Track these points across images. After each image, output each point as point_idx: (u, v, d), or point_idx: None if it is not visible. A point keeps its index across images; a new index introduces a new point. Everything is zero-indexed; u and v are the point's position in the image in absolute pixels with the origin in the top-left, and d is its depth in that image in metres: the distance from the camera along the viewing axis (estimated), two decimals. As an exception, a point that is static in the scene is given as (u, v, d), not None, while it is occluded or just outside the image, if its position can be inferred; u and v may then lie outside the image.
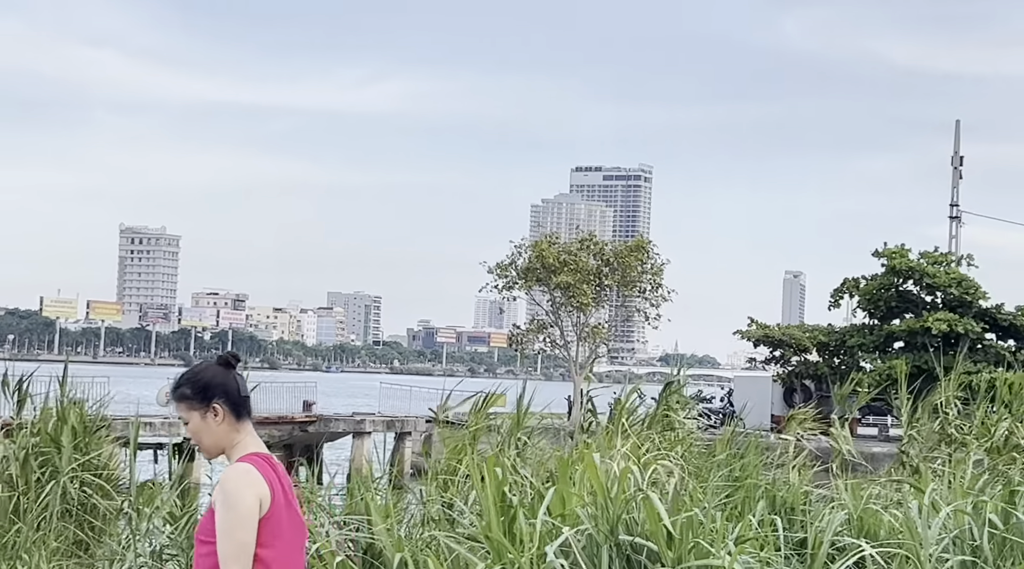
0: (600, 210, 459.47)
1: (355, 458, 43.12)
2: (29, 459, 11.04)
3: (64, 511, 10.49)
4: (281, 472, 5.03)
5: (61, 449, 10.96)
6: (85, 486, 10.77)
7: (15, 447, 11.20)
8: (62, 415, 11.16)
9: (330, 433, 47.50)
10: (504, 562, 6.91)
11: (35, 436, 11.16)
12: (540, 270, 47.97)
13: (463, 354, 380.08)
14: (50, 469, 10.87)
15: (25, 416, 11.97)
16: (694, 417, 14.70)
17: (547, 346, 52.62)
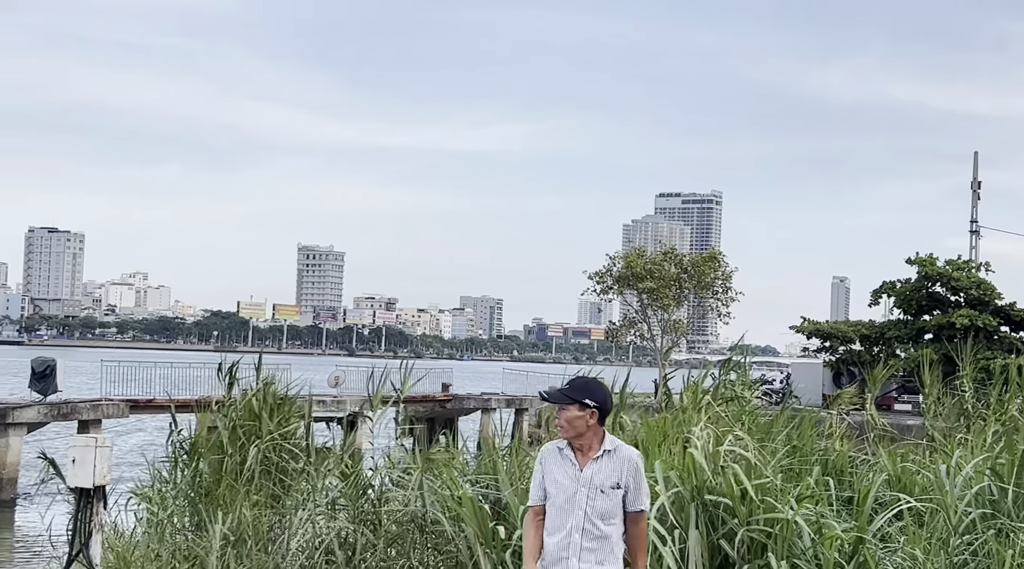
0: (679, 228, 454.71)
1: (483, 429, 43.29)
2: (236, 429, 11.26)
3: (263, 470, 10.66)
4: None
5: (260, 421, 11.16)
6: (278, 451, 10.94)
7: (226, 420, 11.44)
8: (261, 394, 11.36)
9: (463, 409, 47.76)
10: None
11: (240, 411, 11.38)
12: (630, 277, 47.93)
13: (569, 345, 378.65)
14: (252, 437, 11.08)
15: (233, 395, 12.19)
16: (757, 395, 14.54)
17: (637, 338, 52.45)
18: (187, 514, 10.82)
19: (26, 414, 31.21)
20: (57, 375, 32.41)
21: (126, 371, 36.09)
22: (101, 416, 32.82)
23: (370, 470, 9.97)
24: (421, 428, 24.43)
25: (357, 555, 8.57)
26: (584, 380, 5.88)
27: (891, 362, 22.59)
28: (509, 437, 16.01)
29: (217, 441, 11.23)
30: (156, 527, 10.46)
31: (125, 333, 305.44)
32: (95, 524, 8.33)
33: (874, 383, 16.36)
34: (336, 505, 9.31)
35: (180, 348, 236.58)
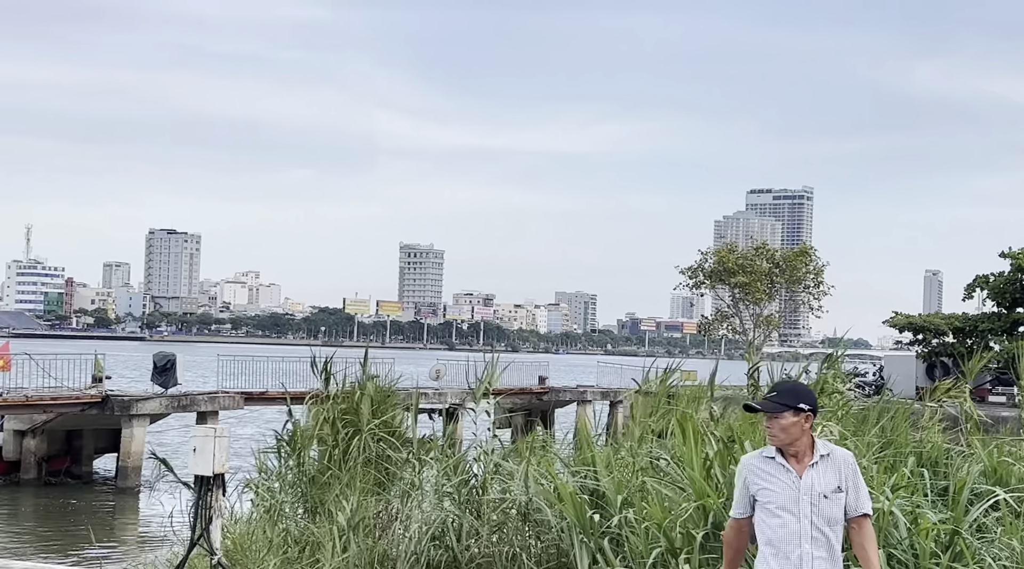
0: (770, 224, 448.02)
1: (579, 420, 43.20)
2: (337, 422, 11.37)
3: (365, 460, 10.77)
4: None
5: (361, 413, 11.27)
6: (380, 441, 11.04)
7: (327, 413, 11.55)
8: (363, 387, 11.48)
9: (559, 401, 47.78)
10: (703, 503, 6.84)
11: (342, 404, 11.51)
12: (722, 272, 47.42)
13: (662, 339, 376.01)
14: (353, 429, 11.20)
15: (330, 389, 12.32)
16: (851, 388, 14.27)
17: (729, 332, 51.88)
18: (298, 501, 11.00)
19: (148, 406, 32.13)
20: (177, 369, 33.26)
21: (240, 365, 36.89)
22: (218, 408, 33.61)
23: (471, 460, 10.03)
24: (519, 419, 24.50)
25: (462, 541, 8.64)
26: (791, 384, 5.58)
27: (982, 354, 21.95)
28: (604, 429, 15.92)
29: (323, 432, 11.40)
30: (270, 514, 10.66)
31: (239, 329, 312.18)
32: (215, 510, 8.53)
33: (970, 374, 15.93)
34: (441, 493, 9.39)
35: (290, 343, 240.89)
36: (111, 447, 33.47)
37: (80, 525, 25.64)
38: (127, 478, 31.05)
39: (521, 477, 8.65)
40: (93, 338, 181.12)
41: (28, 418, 31.76)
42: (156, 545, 19.11)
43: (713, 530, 6.86)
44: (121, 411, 31.36)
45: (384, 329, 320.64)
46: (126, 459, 31.27)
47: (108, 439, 33.58)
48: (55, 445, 33.22)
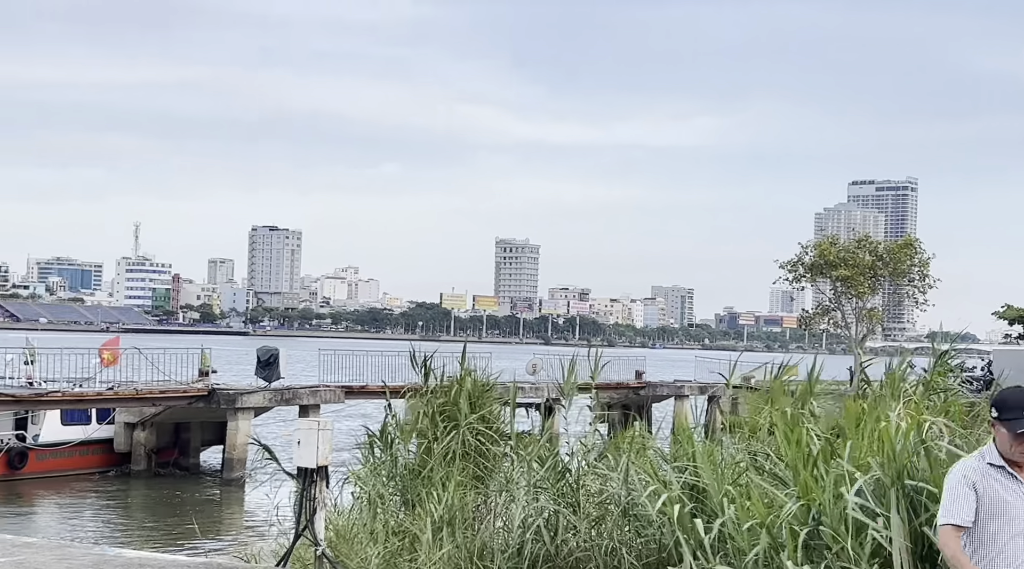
0: (873, 216, 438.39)
1: (677, 416, 42.91)
2: (436, 416, 11.48)
3: (464, 454, 10.85)
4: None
5: (460, 407, 11.35)
6: (479, 435, 11.11)
7: (425, 407, 11.66)
8: (461, 381, 11.56)
9: (656, 396, 47.50)
10: (807, 500, 6.74)
11: (440, 398, 11.61)
12: (823, 266, 46.59)
13: (760, 333, 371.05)
14: (452, 423, 11.29)
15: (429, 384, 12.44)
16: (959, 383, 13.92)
17: (830, 326, 50.99)
18: (398, 494, 11.14)
19: (253, 399, 32.83)
20: (279, 363, 33.91)
21: (340, 359, 37.44)
22: (319, 401, 34.19)
23: (568, 454, 10.04)
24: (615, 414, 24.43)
25: (559, 535, 8.66)
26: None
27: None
28: (702, 424, 15.81)
29: (422, 426, 11.51)
30: (371, 506, 10.82)
31: (339, 324, 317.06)
32: (319, 502, 8.69)
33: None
34: (537, 487, 9.42)
35: (388, 338, 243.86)
36: (217, 440, 34.31)
37: (187, 516, 26.34)
38: (232, 470, 31.79)
39: (620, 471, 8.64)
40: (198, 333, 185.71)
41: (138, 411, 32.73)
42: (261, 535, 19.54)
43: (816, 528, 6.76)
44: (226, 404, 32.11)
45: (480, 324, 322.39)
46: (231, 451, 32.02)
47: (214, 432, 34.43)
48: (164, 437, 34.18)
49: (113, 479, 32.25)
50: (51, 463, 31.60)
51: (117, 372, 32.49)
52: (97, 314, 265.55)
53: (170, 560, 8.86)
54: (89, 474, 32.32)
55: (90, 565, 8.35)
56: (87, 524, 25.76)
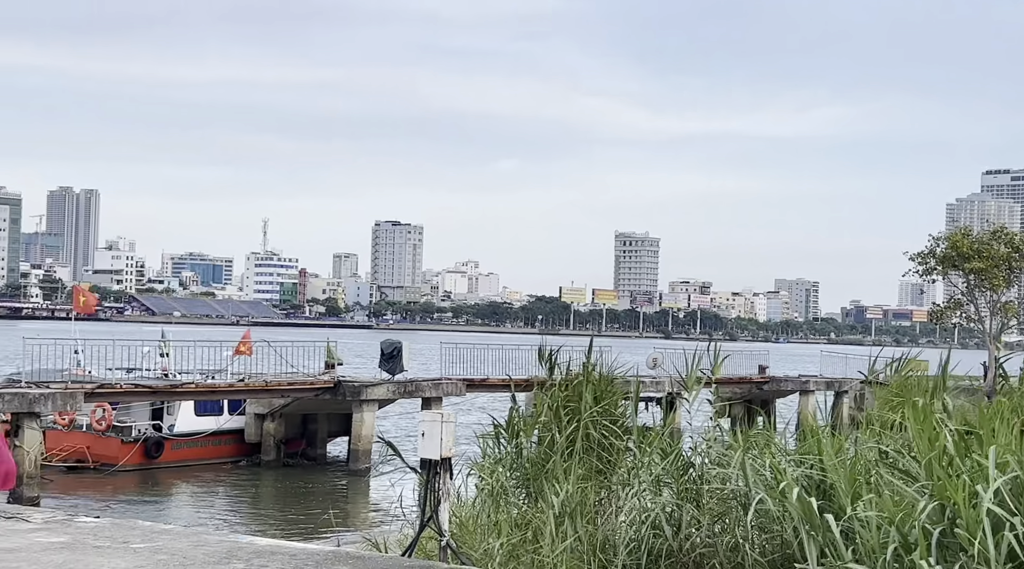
0: (1008, 206, 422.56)
1: (801, 411, 42.14)
2: (559, 409, 11.50)
3: (586, 447, 10.86)
4: None
5: (583, 400, 11.36)
6: (601, 429, 11.10)
7: (549, 400, 11.70)
8: (586, 374, 11.57)
9: (780, 391, 46.74)
10: (942, 498, 6.56)
11: (564, 391, 11.64)
12: (956, 258, 45.03)
13: (889, 327, 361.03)
14: (575, 416, 11.30)
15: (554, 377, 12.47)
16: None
17: (963, 320, 49.32)
18: (520, 486, 11.21)
19: (377, 391, 33.43)
20: (403, 356, 34.42)
21: (461, 352, 37.81)
22: (442, 394, 34.61)
23: (690, 449, 9.96)
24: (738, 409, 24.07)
25: (682, 530, 8.60)
26: None
27: None
28: (829, 419, 15.48)
29: (544, 419, 11.56)
30: (493, 497, 10.91)
31: (459, 317, 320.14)
32: (443, 493, 8.82)
33: None
34: (660, 482, 9.37)
35: (508, 331, 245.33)
36: (343, 431, 35.04)
37: (315, 505, 27.00)
38: (358, 461, 32.43)
39: (740, 466, 8.54)
40: (324, 326, 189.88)
41: (267, 402, 33.64)
42: (386, 525, 19.90)
43: (951, 528, 6.57)
44: (352, 396, 32.76)
45: (600, 317, 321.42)
46: (357, 442, 32.67)
47: (340, 423, 35.18)
48: (292, 428, 35.07)
49: (244, 468, 33.23)
50: (185, 452, 32.74)
51: (248, 364, 33.47)
52: (228, 308, 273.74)
53: (300, 548, 9.09)
54: (221, 463, 33.37)
55: (224, 552, 8.62)
56: (219, 512, 26.61)
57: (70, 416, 30.65)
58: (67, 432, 31.26)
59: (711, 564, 8.39)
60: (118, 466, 30.78)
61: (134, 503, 27.03)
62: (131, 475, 30.67)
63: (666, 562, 8.51)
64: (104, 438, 31.33)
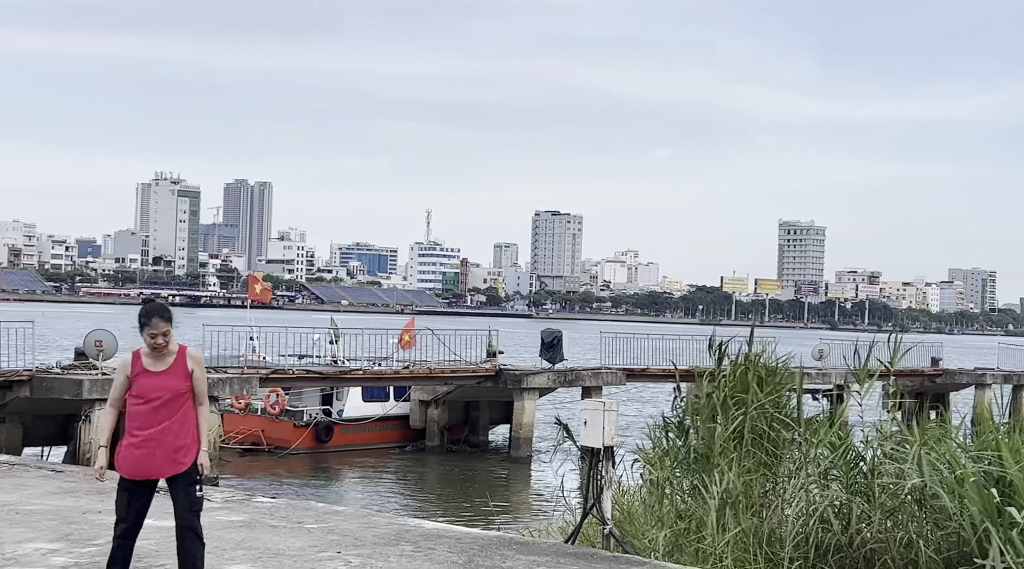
0: None
1: (977, 405, 40.46)
2: (727, 399, 11.38)
3: (753, 438, 10.70)
4: None
5: (749, 391, 11.21)
6: (767, 419, 10.92)
7: (717, 391, 11.59)
8: (752, 365, 11.40)
9: (954, 384, 44.95)
10: None
11: (730, 382, 11.50)
12: None
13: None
14: (740, 407, 11.15)
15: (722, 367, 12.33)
16: None
17: None
18: (683, 476, 11.13)
19: (537, 380, 33.69)
20: (563, 345, 34.56)
21: (621, 342, 37.73)
22: (601, 383, 34.62)
23: (861, 442, 9.69)
24: (909, 402, 23.23)
25: (852, 525, 8.39)
26: None
27: None
28: (1007, 414, 14.82)
29: (709, 409, 11.44)
30: (655, 487, 10.87)
31: (618, 307, 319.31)
32: (605, 482, 8.84)
33: None
34: (828, 475, 9.16)
35: (668, 321, 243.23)
36: (504, 418, 35.46)
37: (478, 491, 27.41)
38: (519, 448, 32.76)
39: (914, 461, 8.26)
40: (485, 315, 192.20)
41: (431, 389, 34.32)
42: (548, 512, 20.06)
43: None
44: (513, 385, 33.11)
45: (763, 308, 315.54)
46: (518, 430, 33.00)
47: (501, 411, 35.60)
48: (455, 415, 35.68)
49: (408, 454, 34.00)
50: (353, 437, 33.73)
51: (412, 352, 34.20)
52: (393, 296, 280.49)
53: (465, 532, 9.28)
54: (387, 448, 34.24)
55: (393, 534, 8.87)
56: (386, 495, 27.32)
57: (246, 400, 31.97)
58: (243, 416, 32.62)
59: (882, 560, 8.16)
60: (290, 449, 31.94)
61: (306, 485, 28.02)
62: (302, 458, 31.79)
63: (835, 557, 8.31)
64: (277, 422, 32.56)
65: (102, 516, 9.10)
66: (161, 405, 6.44)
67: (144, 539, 8.17)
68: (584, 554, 8.19)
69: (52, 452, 26.22)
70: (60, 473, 11.81)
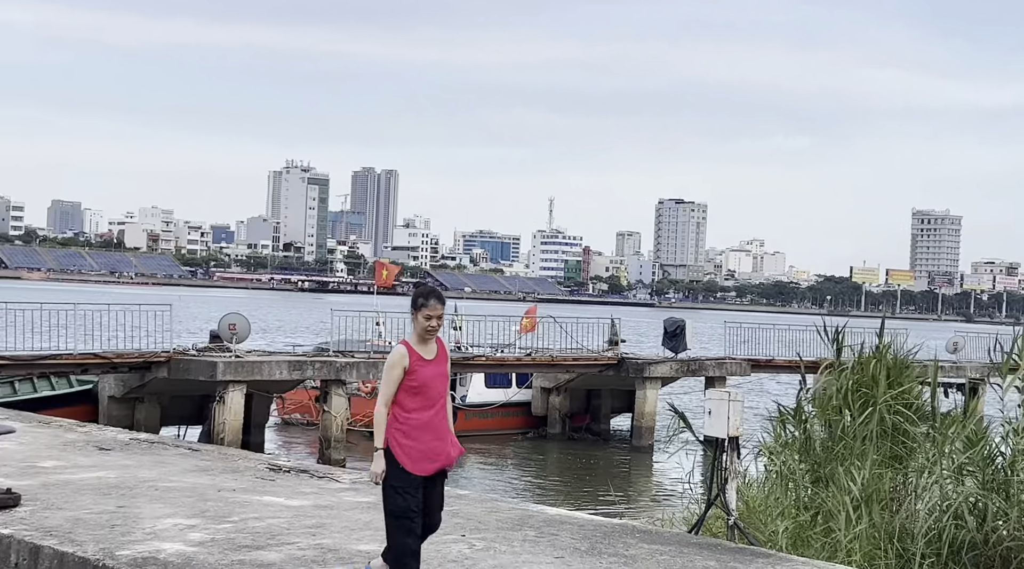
0: None
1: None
2: (850, 392, 11.13)
3: (881, 432, 10.46)
4: None
5: (877, 384, 10.94)
6: (896, 414, 10.66)
7: (838, 383, 11.34)
8: (879, 357, 11.13)
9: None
10: None
11: (856, 374, 11.24)
12: None
13: None
14: (867, 400, 10.90)
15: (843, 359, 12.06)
16: None
17: None
18: (808, 469, 10.94)
19: (660, 369, 33.48)
20: (686, 335, 34.26)
21: (746, 332, 37.20)
22: (725, 374, 34.22)
23: (998, 438, 9.38)
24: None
25: (988, 523, 8.13)
26: None
27: None
28: None
29: (834, 401, 11.21)
30: (781, 479, 10.71)
31: (743, 297, 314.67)
32: (730, 472, 8.75)
33: None
34: (963, 471, 8.90)
35: (794, 312, 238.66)
36: (625, 407, 35.33)
37: (600, 479, 27.42)
38: (641, 437, 32.63)
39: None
40: (606, 303, 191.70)
41: (553, 377, 34.42)
42: (670, 501, 19.94)
43: None
44: (635, 373, 32.97)
45: (894, 299, 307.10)
46: (640, 419, 32.87)
47: (623, 399, 35.48)
48: (576, 403, 35.71)
49: (530, 440, 34.18)
50: (476, 423, 34.05)
51: (534, 339, 34.33)
52: (515, 284, 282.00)
53: (588, 519, 9.30)
54: (509, 435, 34.48)
55: (516, 519, 8.94)
56: (508, 481, 27.54)
57: (372, 384, 32.57)
58: (369, 399, 33.24)
59: (1020, 559, 7.89)
60: (414, 433, 32.41)
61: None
62: (426, 442, 32.22)
63: (969, 555, 8.08)
64: (402, 406, 33.06)
65: (235, 494, 9.42)
66: (439, 394, 6.27)
67: (274, 517, 8.44)
68: (708, 545, 8.13)
69: (188, 432, 27.19)
70: (196, 451, 12.25)
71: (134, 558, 6.96)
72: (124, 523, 8.00)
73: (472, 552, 7.62)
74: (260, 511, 8.69)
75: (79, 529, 7.73)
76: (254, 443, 26.21)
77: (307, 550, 7.41)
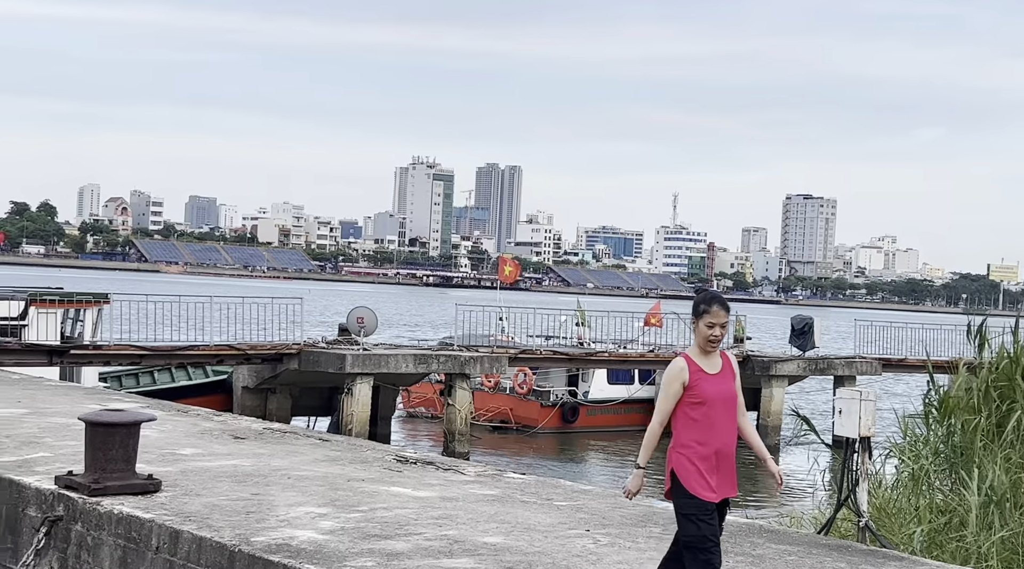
0: None
1: None
2: (989, 390, 10.81)
3: (1020, 434, 10.10)
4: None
5: (1015, 383, 10.58)
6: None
7: (978, 381, 11.02)
8: (1015, 357, 10.76)
9: None
10: None
11: (995, 374, 10.90)
12: None
13: None
14: (1008, 401, 10.55)
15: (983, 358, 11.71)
16: None
17: None
18: (943, 471, 10.63)
19: (786, 367, 32.89)
20: (814, 333, 33.57)
21: (877, 331, 36.26)
22: (855, 373, 33.43)
23: None
24: None
25: None
26: None
27: None
28: None
29: (970, 402, 10.86)
30: (915, 482, 10.43)
31: (874, 294, 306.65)
32: (861, 473, 8.55)
33: None
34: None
35: (927, 310, 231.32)
36: (750, 406, 34.77)
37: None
38: (767, 436, 32.06)
39: None
40: (731, 300, 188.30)
41: (677, 373, 34.13)
42: (797, 501, 19.59)
43: None
44: (761, 371, 32.46)
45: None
46: (766, 418, 32.35)
47: (748, 398, 34.49)
48: (700, 400, 35.33)
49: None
50: (598, 419, 34.01)
51: (657, 336, 34.09)
52: (638, 280, 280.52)
53: (713, 517, 9.18)
54: (632, 431, 34.33)
55: (640, 515, 8.91)
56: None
57: (495, 379, 32.83)
58: (492, 394, 33.51)
59: None
60: (537, 428, 32.57)
61: (552, 464, 28.51)
62: (549, 437, 32.35)
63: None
64: (525, 401, 33.25)
65: (364, 484, 9.62)
66: (726, 413, 5.76)
67: (402, 508, 8.59)
68: (838, 546, 7.96)
69: (317, 423, 27.83)
70: (326, 442, 12.54)
71: (268, 544, 7.17)
72: (258, 510, 8.25)
73: (596, 547, 7.63)
74: (388, 501, 8.85)
75: (216, 515, 8.00)
76: (381, 435, 26.68)
77: (434, 541, 7.51)
